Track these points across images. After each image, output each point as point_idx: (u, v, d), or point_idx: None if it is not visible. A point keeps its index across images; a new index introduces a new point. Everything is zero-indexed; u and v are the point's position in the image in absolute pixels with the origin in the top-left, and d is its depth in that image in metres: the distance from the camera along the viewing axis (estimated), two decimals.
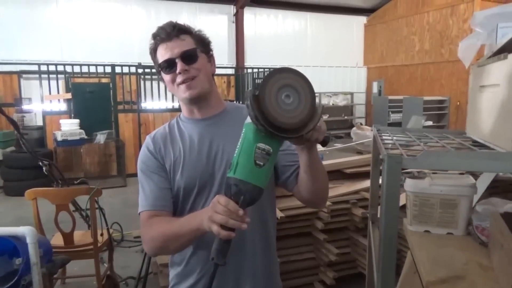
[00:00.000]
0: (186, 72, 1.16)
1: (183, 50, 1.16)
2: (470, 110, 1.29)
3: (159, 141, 1.26)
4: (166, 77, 1.19)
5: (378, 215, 1.56)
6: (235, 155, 0.96)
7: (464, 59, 1.32)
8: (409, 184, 1.34)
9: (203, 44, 1.22)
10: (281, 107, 0.87)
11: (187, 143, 1.23)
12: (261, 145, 0.92)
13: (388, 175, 0.82)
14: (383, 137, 1.27)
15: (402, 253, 2.60)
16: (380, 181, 2.83)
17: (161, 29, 1.19)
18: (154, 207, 1.20)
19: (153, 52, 1.22)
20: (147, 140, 1.28)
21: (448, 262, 1.13)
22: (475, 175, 1.80)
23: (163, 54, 1.18)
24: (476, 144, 1.24)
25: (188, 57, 1.17)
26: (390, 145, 1.07)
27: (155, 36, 1.20)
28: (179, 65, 1.15)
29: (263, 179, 0.95)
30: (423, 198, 1.34)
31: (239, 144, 0.96)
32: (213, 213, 0.95)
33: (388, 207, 0.84)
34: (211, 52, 1.25)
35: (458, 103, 10.35)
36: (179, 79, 1.17)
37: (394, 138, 1.21)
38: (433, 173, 1.45)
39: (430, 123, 10.49)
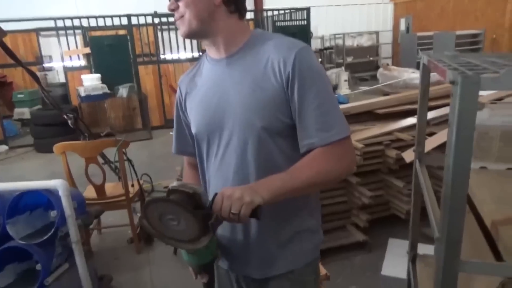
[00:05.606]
0: (177, 11, 1.01)
1: None
2: None
3: (185, 84, 1.17)
4: None
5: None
6: None
7: None
8: None
9: None
10: (169, 228, 0.90)
11: (202, 88, 1.12)
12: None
13: (463, 100, 0.68)
14: (437, 63, 1.10)
15: (438, 194, 2.49)
16: (430, 115, 2.63)
17: None
18: (177, 151, 1.26)
19: None
20: (178, 82, 1.21)
21: None
22: None
23: None
24: None
25: None
26: (453, 68, 0.91)
27: None
28: (170, 2, 1.02)
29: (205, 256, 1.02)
30: (480, 131, 1.20)
31: None
32: None
33: (461, 140, 0.71)
34: None
35: (494, 36, 9.63)
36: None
37: (452, 62, 1.04)
38: (492, 103, 1.30)
39: None
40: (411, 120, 3.21)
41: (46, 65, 8.99)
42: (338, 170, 0.99)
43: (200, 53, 7.82)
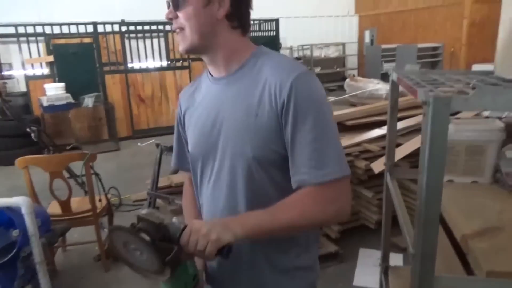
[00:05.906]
0: (176, 21, 0.95)
1: None
2: (501, 44, 1.16)
3: (185, 100, 1.12)
4: None
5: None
6: None
7: None
8: None
9: None
10: (133, 256, 0.89)
11: (200, 107, 1.06)
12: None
13: (435, 121, 0.70)
14: (407, 81, 1.14)
15: (408, 203, 2.56)
16: (399, 126, 2.70)
17: None
18: (177, 165, 1.21)
19: None
20: (179, 97, 1.15)
21: (481, 212, 1.06)
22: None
23: None
24: None
25: (175, 0, 0.93)
26: (422, 86, 0.94)
27: None
28: (168, 10, 0.95)
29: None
30: (448, 146, 1.25)
31: None
32: None
33: (433, 159, 0.74)
34: None
35: (452, 49, 10.13)
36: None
37: (419, 80, 1.08)
38: (456, 118, 1.35)
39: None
40: (379, 131, 3.30)
41: (5, 73, 8.59)
42: (327, 215, 0.89)
43: (169, 62, 7.73)
